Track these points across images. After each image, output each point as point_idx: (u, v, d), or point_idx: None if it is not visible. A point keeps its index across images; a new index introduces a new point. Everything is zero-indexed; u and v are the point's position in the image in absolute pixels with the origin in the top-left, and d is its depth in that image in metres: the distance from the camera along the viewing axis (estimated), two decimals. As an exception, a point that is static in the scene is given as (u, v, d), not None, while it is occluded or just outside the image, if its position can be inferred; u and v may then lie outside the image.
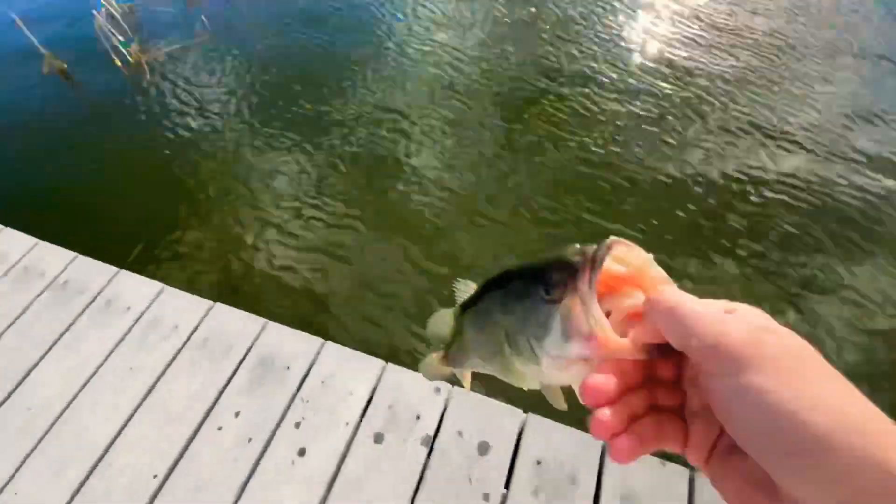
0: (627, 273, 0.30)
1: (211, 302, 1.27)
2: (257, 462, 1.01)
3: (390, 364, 1.14)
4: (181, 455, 1.03)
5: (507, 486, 0.99)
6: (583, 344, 0.29)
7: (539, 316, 0.31)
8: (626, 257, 0.29)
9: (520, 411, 1.09)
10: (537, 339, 0.32)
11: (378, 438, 1.04)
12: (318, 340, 1.18)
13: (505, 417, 1.07)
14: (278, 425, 1.06)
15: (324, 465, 1.00)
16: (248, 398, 1.10)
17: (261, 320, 1.22)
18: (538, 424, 1.06)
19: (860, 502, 0.21)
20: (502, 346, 0.37)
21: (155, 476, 1.01)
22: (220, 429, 1.06)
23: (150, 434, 1.06)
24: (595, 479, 0.99)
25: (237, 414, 1.08)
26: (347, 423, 1.05)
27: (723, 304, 0.26)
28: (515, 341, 0.35)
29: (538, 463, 1.01)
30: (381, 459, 1.01)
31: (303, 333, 1.19)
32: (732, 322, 0.25)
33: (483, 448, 1.03)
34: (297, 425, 1.06)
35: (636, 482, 0.98)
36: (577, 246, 0.31)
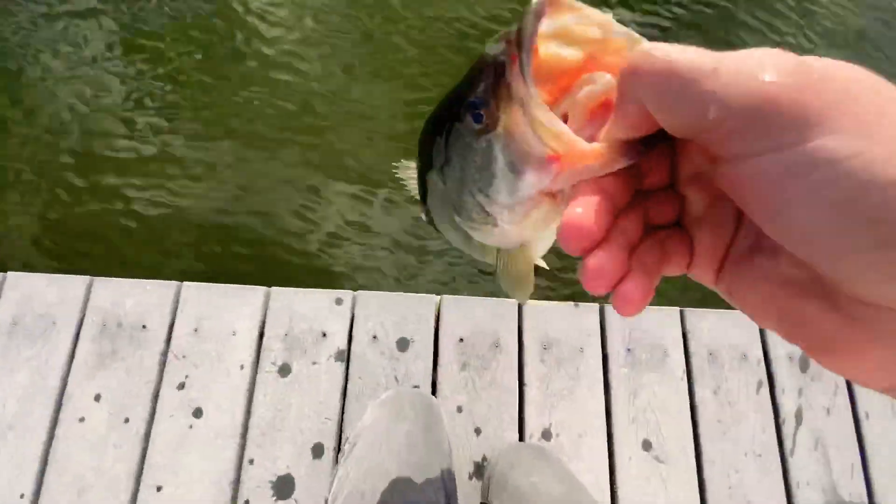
0: (585, 55, 0.19)
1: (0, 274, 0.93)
2: (146, 439, 0.86)
3: (274, 288, 0.96)
4: (45, 462, 0.84)
5: (434, 370, 0.96)
6: (540, 170, 0.19)
7: (476, 158, 0.22)
8: (574, 30, 0.19)
9: (433, 296, 1.01)
10: (483, 191, 0.22)
11: (284, 371, 0.92)
12: (172, 284, 0.93)
13: (419, 307, 0.99)
14: (157, 393, 0.88)
15: (229, 417, 0.87)
16: (103, 375, 0.88)
17: (83, 279, 0.93)
18: (454, 304, 1.00)
19: None
20: (458, 225, 0.27)
21: (22, 496, 0.82)
22: (82, 420, 0.86)
23: (-12, 454, 0.83)
24: (516, 339, 0.99)
25: (97, 397, 0.87)
26: (243, 366, 0.91)
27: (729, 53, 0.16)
28: (463, 208, 0.25)
29: (461, 340, 0.98)
30: (294, 391, 0.90)
31: (147, 281, 0.93)
32: (765, 67, 0.14)
33: (402, 344, 0.96)
34: (182, 386, 0.89)
35: (553, 330, 1.00)
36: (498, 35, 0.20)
